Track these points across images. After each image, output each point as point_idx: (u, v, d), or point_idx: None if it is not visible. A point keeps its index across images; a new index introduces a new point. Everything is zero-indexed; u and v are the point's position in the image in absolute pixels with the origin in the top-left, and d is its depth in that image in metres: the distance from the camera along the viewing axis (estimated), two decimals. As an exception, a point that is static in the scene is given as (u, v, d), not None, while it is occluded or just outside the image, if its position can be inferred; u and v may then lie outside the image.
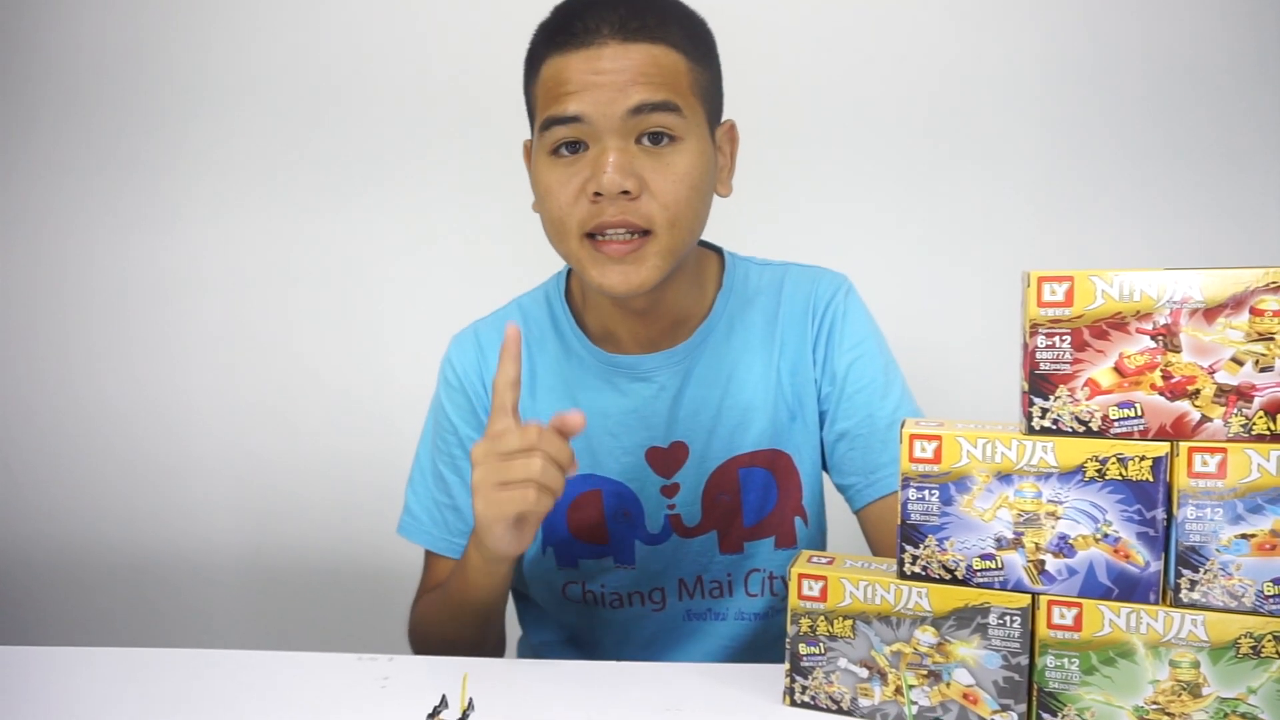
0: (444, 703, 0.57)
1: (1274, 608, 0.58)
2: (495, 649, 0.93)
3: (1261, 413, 0.58)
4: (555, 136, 0.82)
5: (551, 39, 0.83)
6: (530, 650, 1.04)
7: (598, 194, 0.80)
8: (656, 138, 0.82)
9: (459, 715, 0.56)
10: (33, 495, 1.76)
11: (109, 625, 1.72)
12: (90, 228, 1.68)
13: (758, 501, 0.94)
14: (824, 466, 0.96)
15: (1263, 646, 0.58)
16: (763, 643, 0.95)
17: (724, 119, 0.90)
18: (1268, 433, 0.58)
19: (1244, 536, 0.58)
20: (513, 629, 1.06)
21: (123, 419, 1.72)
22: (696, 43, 0.85)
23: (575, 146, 0.82)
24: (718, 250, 0.98)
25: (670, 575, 0.95)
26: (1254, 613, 0.59)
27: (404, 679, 0.75)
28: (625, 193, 0.80)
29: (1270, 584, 0.58)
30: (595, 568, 0.95)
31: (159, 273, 1.68)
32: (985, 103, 1.51)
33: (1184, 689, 0.60)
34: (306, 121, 1.62)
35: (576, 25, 0.81)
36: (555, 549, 0.95)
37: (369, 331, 1.63)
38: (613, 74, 0.80)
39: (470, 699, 0.58)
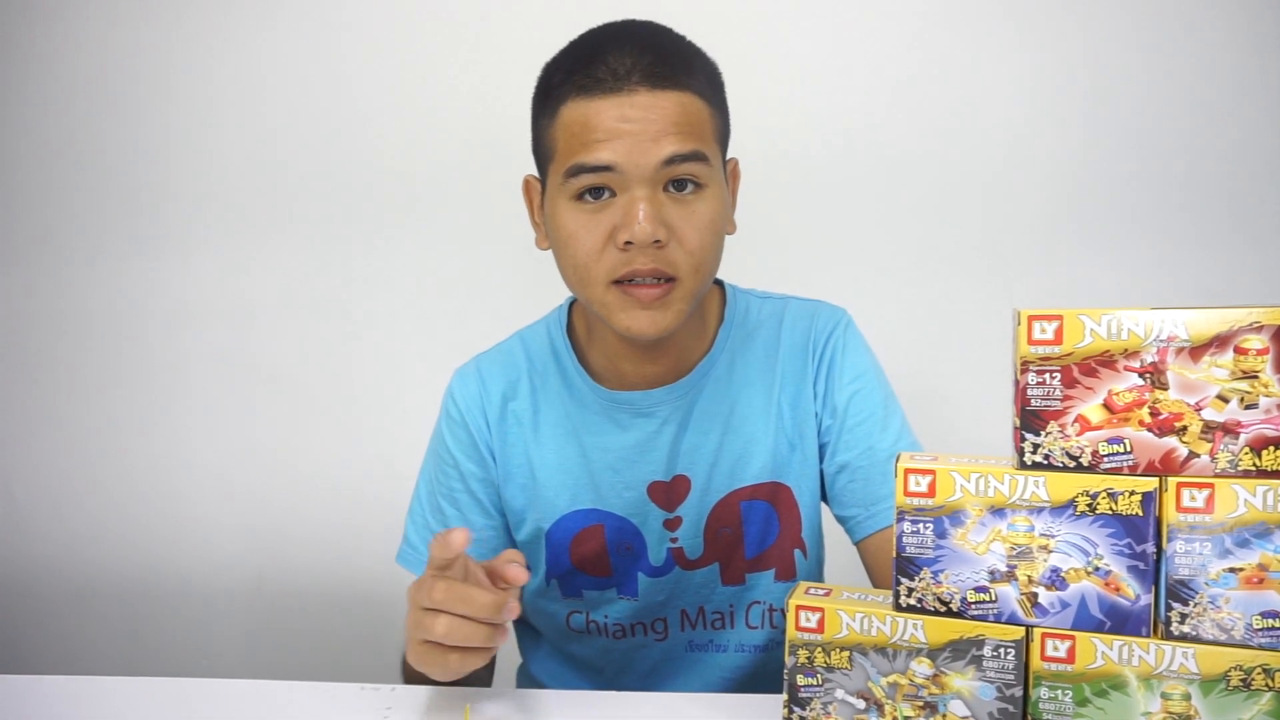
0: (447, 733, 0.58)
1: (1263, 640, 0.59)
2: (483, 679, 0.93)
3: (1247, 448, 0.59)
4: (582, 183, 0.82)
5: (573, 81, 0.82)
6: (529, 680, 1.05)
7: (628, 243, 0.81)
8: (681, 184, 0.82)
9: (462, 745, 0.57)
10: (34, 520, 1.77)
11: (110, 651, 1.72)
12: (92, 255, 1.71)
13: (759, 534, 0.95)
14: (823, 498, 0.97)
15: (1252, 679, 0.59)
16: (763, 675, 0.96)
17: (729, 157, 0.92)
18: (1253, 468, 0.59)
19: (1232, 570, 0.60)
20: (512, 657, 1.07)
21: (125, 446, 1.74)
22: (715, 88, 0.86)
23: (599, 192, 0.82)
24: (719, 282, 0.99)
25: (673, 606, 0.96)
26: (1243, 646, 0.60)
27: (407, 709, 0.76)
28: (656, 242, 0.80)
29: (1259, 617, 0.59)
30: (599, 598, 0.96)
31: (163, 302, 1.70)
32: (989, 134, 1.53)
33: (1176, 721, 0.61)
34: (312, 153, 1.65)
35: (602, 70, 0.80)
36: (559, 580, 0.96)
37: (372, 360, 1.65)
38: (644, 123, 0.79)
39: (473, 729, 0.59)
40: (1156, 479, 0.61)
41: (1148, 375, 0.61)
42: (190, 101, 1.66)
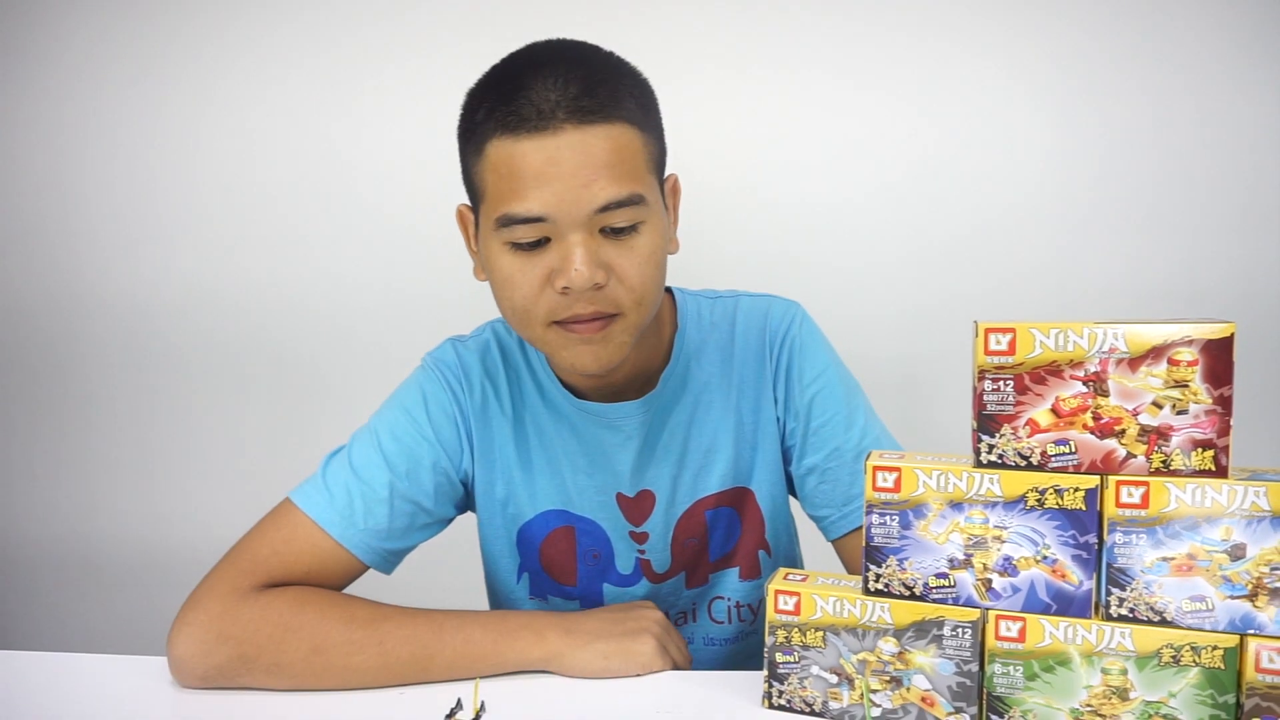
0: (459, 705, 0.65)
1: (1191, 621, 0.66)
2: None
3: (1178, 450, 0.66)
4: (515, 233, 0.79)
5: (496, 117, 0.78)
6: None
7: (566, 288, 0.79)
8: (620, 228, 0.80)
9: (473, 715, 0.64)
10: (50, 498, 1.84)
11: (127, 628, 1.79)
12: (102, 238, 1.77)
13: (722, 538, 0.96)
14: (795, 496, 0.98)
15: (1181, 656, 0.66)
16: (735, 665, 0.98)
17: (667, 174, 0.88)
18: (1184, 468, 0.66)
19: (1164, 559, 0.66)
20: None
21: (137, 425, 1.81)
22: (646, 109, 0.83)
23: (535, 240, 0.79)
24: (667, 289, 0.97)
25: None
26: (1174, 626, 0.66)
27: (420, 691, 0.82)
28: (595, 285, 0.79)
29: (1187, 600, 0.66)
30: (563, 605, 0.97)
31: (168, 290, 1.76)
32: (982, 127, 1.59)
33: (1114, 693, 0.68)
34: (319, 139, 1.71)
35: (525, 107, 0.76)
36: (530, 577, 0.98)
37: (377, 341, 1.71)
38: (573, 165, 0.76)
39: (483, 702, 0.66)
40: (1098, 477, 0.67)
41: (1091, 383, 0.67)
42: (194, 95, 1.71)
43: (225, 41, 1.70)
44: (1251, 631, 0.65)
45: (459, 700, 0.66)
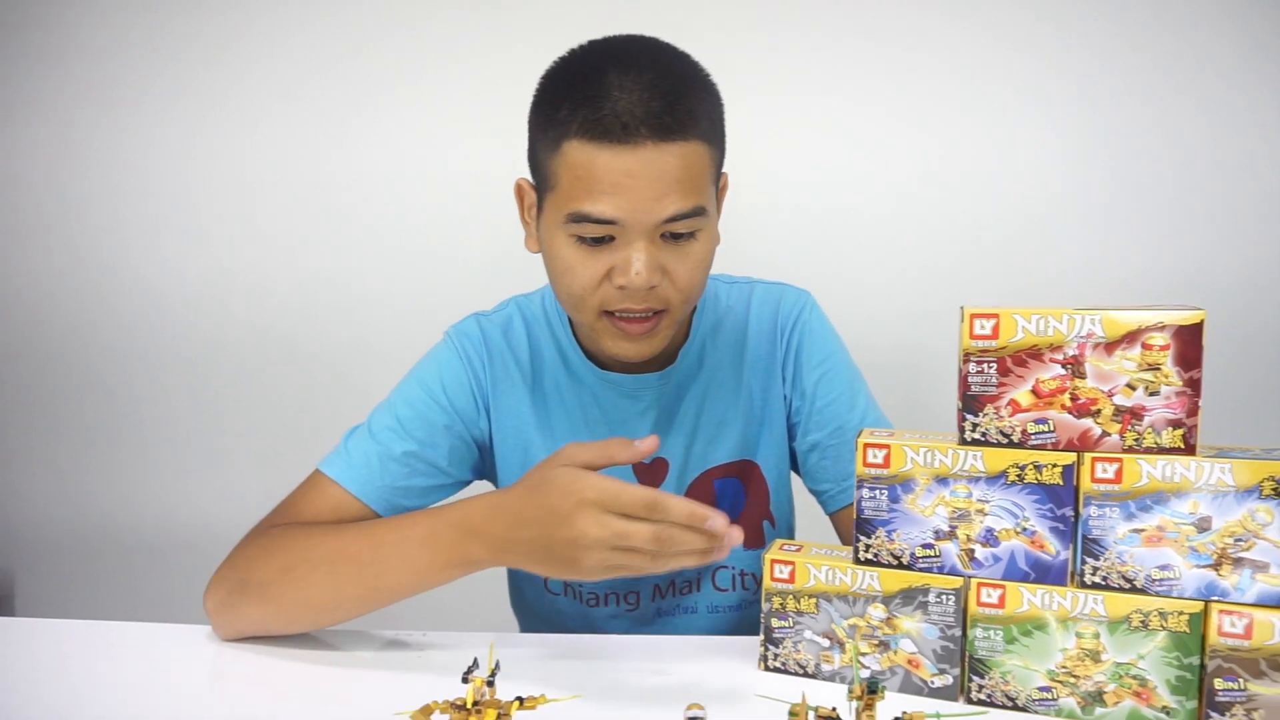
0: (475, 664, 0.69)
1: (1159, 589, 0.70)
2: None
3: (1150, 429, 0.70)
4: (584, 230, 0.83)
5: (579, 118, 0.81)
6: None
7: (623, 286, 0.84)
8: (679, 234, 0.85)
9: (488, 674, 0.69)
10: (73, 482, 1.89)
11: (150, 601, 1.85)
12: (119, 230, 1.81)
13: (728, 507, 1.01)
14: (797, 471, 1.04)
15: (1150, 620, 0.70)
16: (739, 632, 1.01)
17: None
18: (1155, 446, 0.70)
19: (1136, 531, 0.71)
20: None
21: (154, 413, 1.86)
22: (715, 122, 0.87)
23: (600, 237, 0.84)
24: None
25: (647, 582, 1.03)
26: (1143, 593, 0.71)
27: (436, 650, 0.87)
28: (651, 287, 0.84)
29: (1156, 569, 0.70)
30: None
31: (190, 277, 1.81)
32: (986, 112, 1.63)
33: (1087, 655, 0.72)
34: (329, 136, 1.74)
35: (609, 118, 0.79)
36: None
37: (389, 331, 1.76)
38: (647, 179, 0.80)
39: (497, 660, 0.71)
40: (1075, 454, 0.72)
41: (1069, 366, 0.71)
42: (209, 93, 1.75)
43: (237, 37, 1.73)
44: (1215, 598, 0.69)
45: (475, 660, 0.70)
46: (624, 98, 0.80)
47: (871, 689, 0.65)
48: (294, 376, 1.81)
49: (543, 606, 1.07)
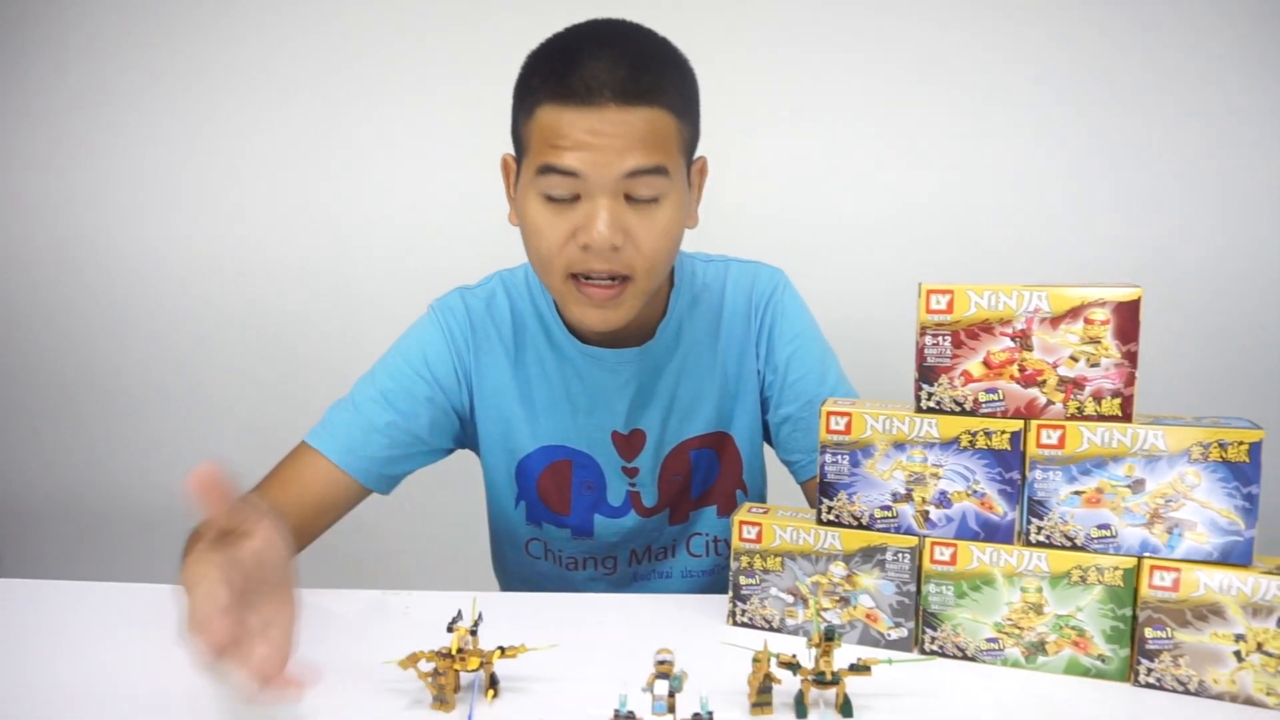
0: (459, 615, 0.74)
1: (1097, 547, 0.76)
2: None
3: (1090, 398, 0.75)
4: (550, 183, 0.87)
5: (550, 86, 0.85)
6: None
7: (587, 245, 0.86)
8: (643, 194, 0.87)
9: (471, 624, 0.73)
10: (58, 459, 1.91)
11: (134, 570, 1.88)
12: (104, 211, 1.82)
13: (703, 477, 1.06)
14: (770, 443, 1.09)
15: (1088, 575, 0.76)
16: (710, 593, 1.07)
17: (697, 156, 0.96)
18: (1095, 414, 0.75)
19: (1077, 493, 0.76)
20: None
21: (140, 390, 1.88)
22: (686, 98, 0.90)
23: (566, 193, 0.87)
24: None
25: (624, 547, 1.08)
26: (1083, 551, 0.76)
27: (423, 608, 0.91)
28: (613, 246, 0.86)
29: (1095, 528, 0.76)
30: (556, 534, 1.07)
31: (174, 256, 1.83)
32: (975, 92, 1.70)
33: (1031, 608, 0.78)
34: (320, 115, 1.76)
35: (577, 82, 0.83)
36: (527, 505, 1.07)
37: (374, 306, 1.79)
38: (610, 137, 0.83)
39: (480, 612, 0.75)
40: (1022, 421, 0.77)
41: (1018, 339, 0.76)
42: (188, 68, 1.76)
43: (227, 20, 1.75)
44: (1147, 555, 0.75)
45: (459, 611, 0.75)
46: (592, 64, 0.84)
47: (828, 636, 0.70)
48: (278, 353, 1.84)
49: (523, 569, 1.11)
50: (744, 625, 0.87)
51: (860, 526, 0.82)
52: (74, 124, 1.80)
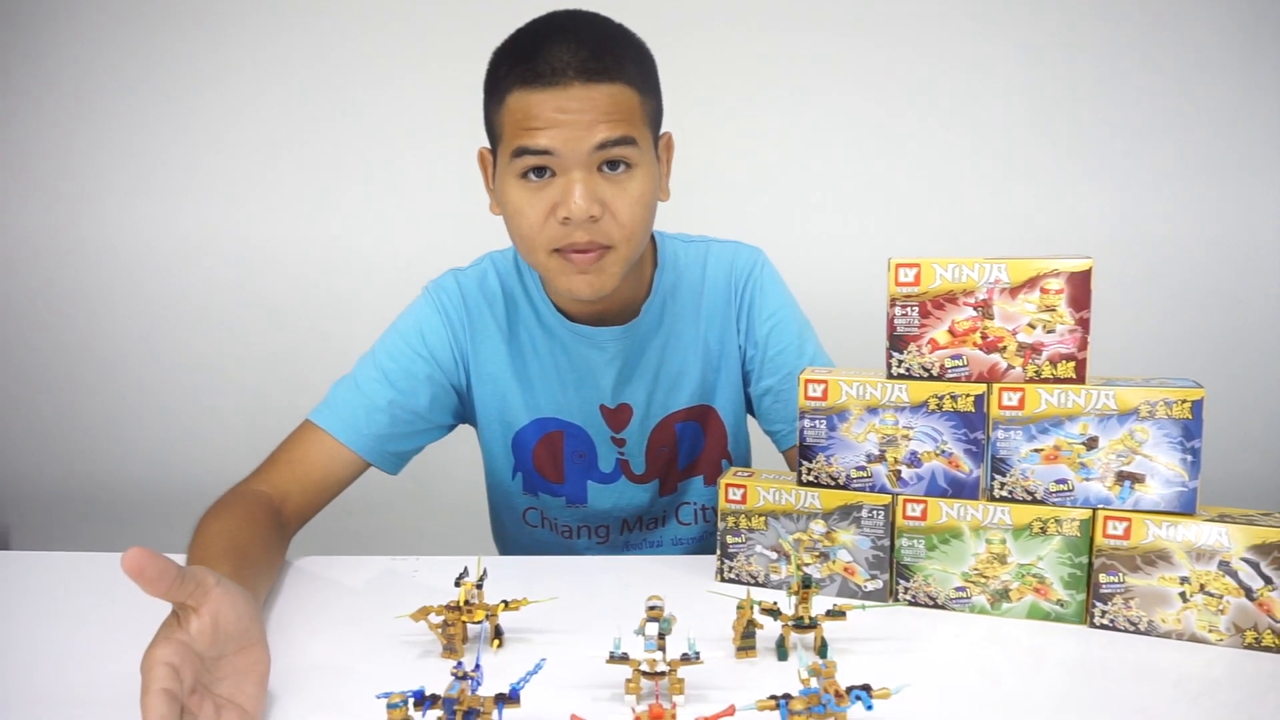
0: (465, 571, 0.80)
1: (1055, 500, 0.82)
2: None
3: (1047, 362, 0.81)
4: (525, 164, 0.91)
5: (516, 73, 0.90)
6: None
7: (566, 219, 0.91)
8: (614, 165, 0.92)
9: (477, 579, 0.79)
10: (61, 436, 1.97)
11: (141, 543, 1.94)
12: (102, 192, 1.87)
13: (689, 449, 1.12)
14: (753, 414, 1.14)
15: (1047, 527, 0.82)
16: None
17: (662, 132, 1.01)
18: (1051, 377, 0.81)
19: (1036, 451, 0.82)
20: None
21: (144, 369, 1.93)
22: (646, 75, 0.96)
23: (541, 172, 0.92)
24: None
25: (616, 515, 1.13)
26: (1042, 504, 0.82)
27: (430, 572, 0.97)
28: (591, 217, 0.91)
29: (1053, 483, 0.82)
30: (551, 503, 1.13)
31: (172, 236, 1.88)
32: (962, 71, 1.77)
33: (995, 558, 0.84)
34: (311, 99, 1.81)
35: (542, 65, 0.89)
36: (524, 476, 1.13)
37: (371, 287, 1.84)
38: (578, 113, 0.88)
39: (485, 568, 0.81)
40: (985, 385, 0.83)
41: (980, 308, 0.82)
42: (182, 48, 1.81)
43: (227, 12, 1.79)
44: (1101, 506, 0.81)
45: (465, 568, 0.80)
46: (555, 49, 0.89)
47: (806, 584, 0.76)
48: (277, 333, 1.90)
49: (521, 538, 1.17)
50: (731, 581, 0.93)
51: (837, 486, 0.88)
52: (68, 109, 1.86)
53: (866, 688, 0.62)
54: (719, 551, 0.93)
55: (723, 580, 0.93)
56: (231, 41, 1.82)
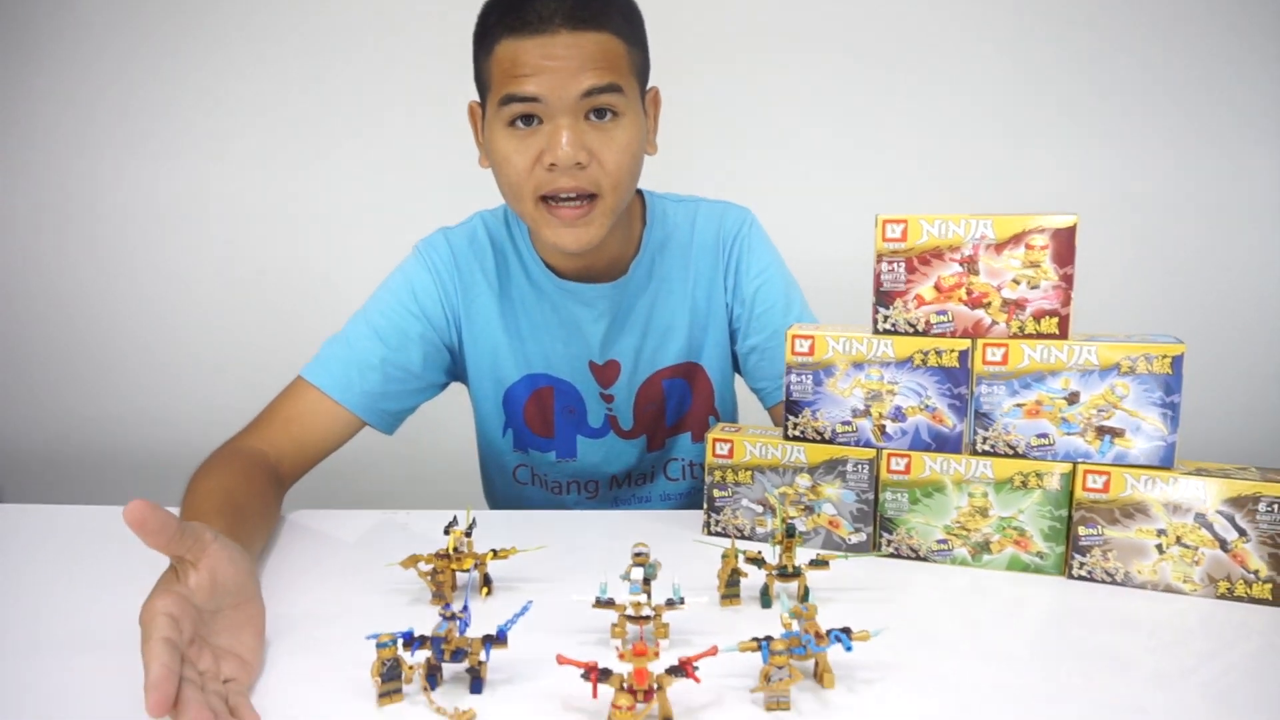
0: (455, 520, 0.81)
1: (1036, 454, 0.83)
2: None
3: (1031, 318, 0.82)
4: (513, 111, 0.92)
5: (505, 22, 0.92)
6: None
7: (553, 165, 0.92)
8: (601, 113, 0.93)
9: (466, 527, 0.80)
10: (53, 397, 1.98)
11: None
12: (92, 153, 1.87)
13: (676, 405, 1.13)
14: (739, 372, 1.16)
15: (1028, 480, 0.83)
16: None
17: (649, 86, 1.02)
18: (1035, 332, 0.82)
19: (1019, 405, 0.83)
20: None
21: (135, 329, 1.94)
22: (632, 26, 0.97)
23: (529, 120, 0.93)
24: (639, 191, 1.11)
25: (604, 470, 1.14)
26: (1024, 458, 0.84)
27: (421, 525, 0.98)
28: (578, 164, 0.92)
29: (1034, 437, 0.83)
30: (541, 459, 1.14)
31: (162, 196, 1.88)
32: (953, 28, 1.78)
33: (977, 512, 0.85)
34: (299, 61, 1.81)
35: (530, 14, 0.90)
36: (514, 433, 1.14)
37: (363, 246, 1.84)
38: (565, 60, 0.90)
39: (474, 517, 0.82)
40: (969, 340, 0.84)
41: (965, 264, 0.83)
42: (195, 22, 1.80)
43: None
44: (1081, 460, 0.82)
45: (455, 517, 0.82)
46: (542, 0, 0.91)
47: (790, 533, 0.77)
48: (268, 293, 1.90)
49: (511, 494, 1.19)
50: (718, 534, 0.94)
51: (823, 441, 0.89)
52: (61, 76, 1.84)
53: (847, 630, 0.63)
54: (706, 505, 0.94)
55: (709, 534, 0.94)
56: (222, 2, 1.80)
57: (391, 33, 1.80)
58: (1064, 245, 0.80)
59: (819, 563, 0.78)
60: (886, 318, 0.86)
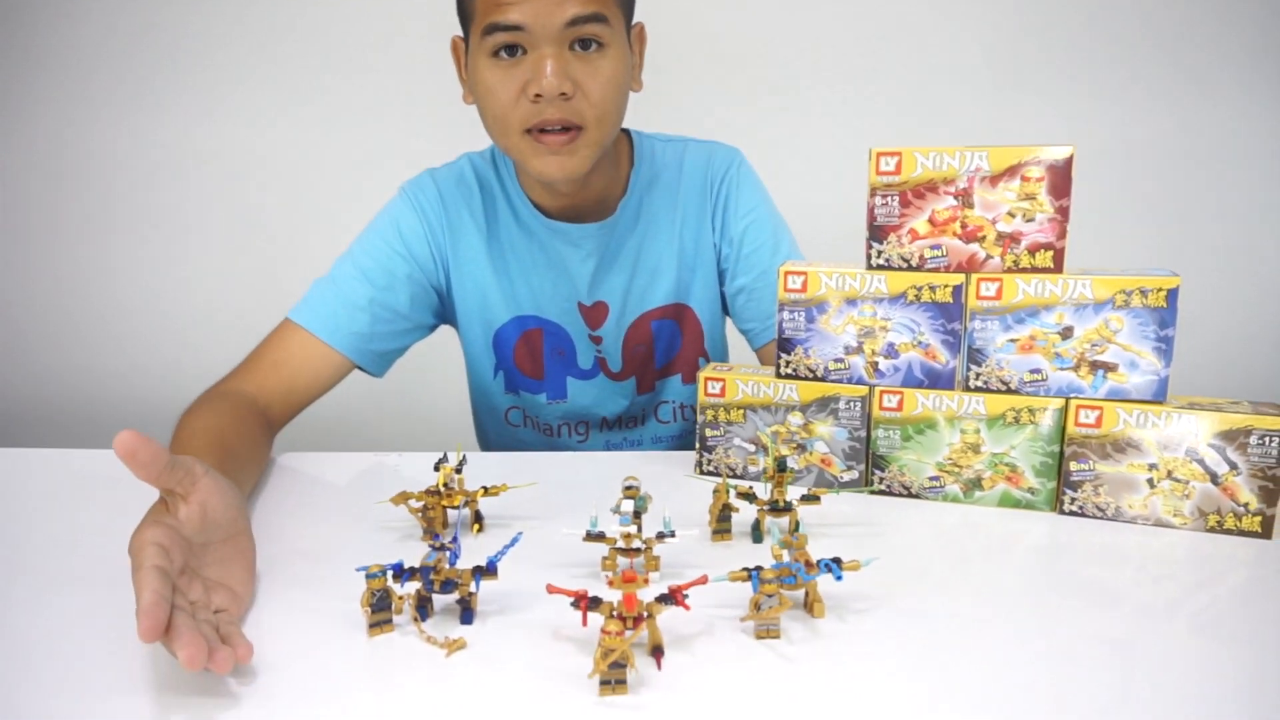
0: (445, 457, 0.80)
1: (1029, 390, 0.83)
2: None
3: (1025, 252, 0.81)
4: (496, 41, 0.91)
5: None
6: None
7: (538, 95, 0.91)
8: (586, 44, 0.92)
9: (456, 464, 0.80)
10: (45, 356, 1.96)
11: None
12: (81, 106, 1.84)
13: (665, 347, 1.13)
14: (728, 313, 1.15)
15: (1021, 416, 0.83)
16: None
17: (635, 21, 1.01)
18: (1029, 266, 0.81)
19: (1012, 341, 0.82)
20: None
21: (125, 289, 1.92)
22: None
23: (513, 50, 0.92)
24: (626, 131, 1.10)
25: (595, 412, 1.14)
26: (1016, 394, 0.83)
27: (413, 467, 0.98)
28: (563, 94, 0.91)
29: (1028, 373, 0.83)
30: (532, 401, 1.14)
31: (149, 147, 1.85)
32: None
33: (969, 448, 0.85)
34: (288, 24, 1.77)
35: None
36: (505, 375, 1.14)
37: (349, 190, 1.82)
38: None
39: (464, 454, 0.82)
40: (963, 275, 0.83)
41: (960, 197, 0.82)
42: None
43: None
44: (1073, 395, 0.82)
45: (445, 454, 0.81)
46: None
47: (780, 468, 0.77)
48: (254, 238, 1.88)
49: (504, 437, 1.18)
50: (710, 474, 0.94)
51: (815, 379, 0.88)
52: (60, 33, 1.80)
53: (837, 560, 0.63)
54: (698, 445, 0.94)
55: (702, 473, 0.94)
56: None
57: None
58: (1060, 177, 0.79)
59: (810, 498, 0.78)
60: (880, 252, 0.85)
